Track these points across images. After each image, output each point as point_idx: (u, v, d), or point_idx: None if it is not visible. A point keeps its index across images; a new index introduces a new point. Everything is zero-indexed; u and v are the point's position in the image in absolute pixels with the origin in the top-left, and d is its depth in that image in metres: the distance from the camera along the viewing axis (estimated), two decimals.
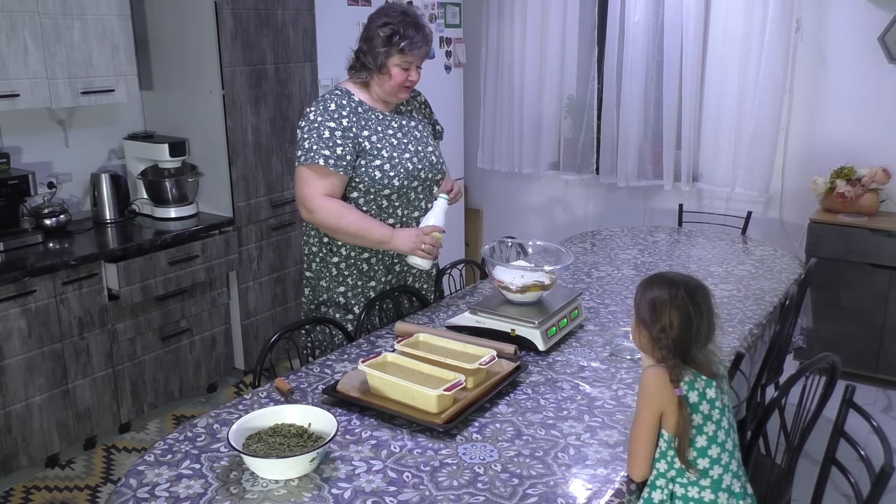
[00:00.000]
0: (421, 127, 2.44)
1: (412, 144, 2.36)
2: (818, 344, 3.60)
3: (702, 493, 1.52)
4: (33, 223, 3.21)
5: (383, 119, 2.33)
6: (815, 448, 2.41)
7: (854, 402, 1.84)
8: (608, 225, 4.35)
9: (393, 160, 2.28)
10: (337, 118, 2.23)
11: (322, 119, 2.22)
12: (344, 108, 2.25)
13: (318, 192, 2.22)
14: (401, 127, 2.36)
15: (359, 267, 2.38)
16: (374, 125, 2.29)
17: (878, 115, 3.88)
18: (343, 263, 2.37)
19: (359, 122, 2.26)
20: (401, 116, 2.39)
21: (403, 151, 2.32)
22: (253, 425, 1.60)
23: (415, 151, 2.35)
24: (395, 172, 2.27)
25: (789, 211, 4.23)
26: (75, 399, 3.09)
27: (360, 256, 2.36)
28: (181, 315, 3.46)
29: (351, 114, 2.25)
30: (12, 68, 2.94)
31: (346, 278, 2.38)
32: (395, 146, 2.31)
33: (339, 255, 2.37)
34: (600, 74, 4.54)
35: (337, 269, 2.38)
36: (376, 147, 2.27)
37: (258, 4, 3.56)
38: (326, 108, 2.24)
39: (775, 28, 3.91)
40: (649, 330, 1.56)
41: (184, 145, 3.61)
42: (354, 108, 2.27)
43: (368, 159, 2.25)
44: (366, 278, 2.39)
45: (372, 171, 2.25)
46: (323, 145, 2.20)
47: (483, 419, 1.76)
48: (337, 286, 2.40)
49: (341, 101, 2.27)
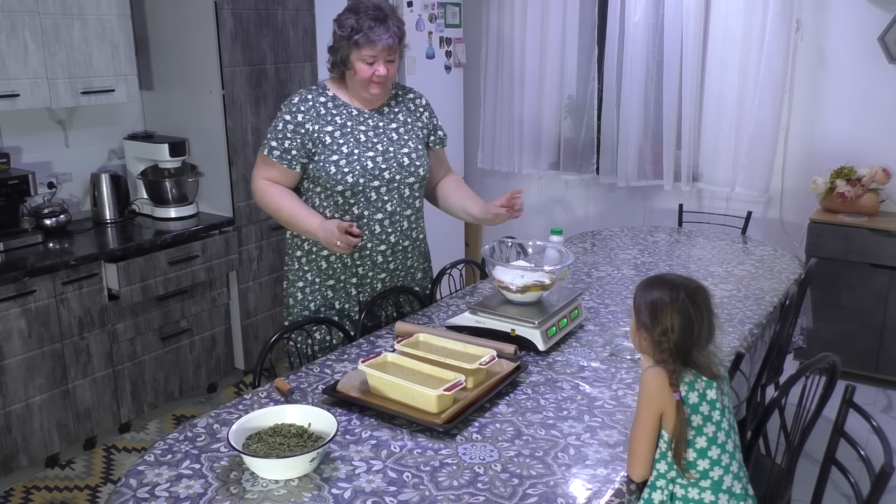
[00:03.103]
0: (402, 129, 2.37)
1: (381, 144, 2.30)
2: (818, 344, 3.60)
3: (702, 494, 1.52)
4: (33, 223, 3.21)
5: (357, 116, 2.30)
6: (815, 448, 2.41)
7: (854, 402, 1.84)
8: (608, 225, 4.35)
9: (350, 157, 2.25)
10: (294, 112, 2.26)
11: (284, 111, 2.28)
12: (305, 103, 2.27)
13: (261, 175, 2.32)
14: (376, 126, 2.32)
15: (318, 263, 2.37)
16: (341, 121, 2.28)
17: (878, 115, 3.88)
18: (304, 258, 2.39)
19: (321, 118, 2.26)
20: (381, 116, 2.34)
21: (367, 150, 2.27)
22: (253, 425, 1.60)
23: (382, 151, 2.29)
24: (349, 169, 2.24)
25: (789, 211, 4.23)
26: (75, 399, 3.09)
27: (319, 253, 2.36)
28: (181, 315, 3.46)
29: (311, 109, 2.26)
30: (12, 68, 2.94)
31: (306, 273, 2.39)
32: (360, 143, 2.27)
33: (301, 249, 2.40)
34: (600, 74, 4.54)
35: (299, 263, 2.41)
36: (337, 142, 2.25)
37: (258, 4, 3.56)
38: (290, 102, 2.29)
39: (775, 28, 3.91)
40: (650, 333, 1.55)
41: (184, 145, 3.61)
42: (323, 103, 2.28)
43: (326, 154, 2.25)
44: (324, 276, 2.38)
45: (327, 167, 2.24)
46: (272, 136, 2.27)
47: (483, 419, 1.76)
48: (297, 280, 2.41)
49: (307, 95, 2.29)
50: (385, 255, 2.36)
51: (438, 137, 2.52)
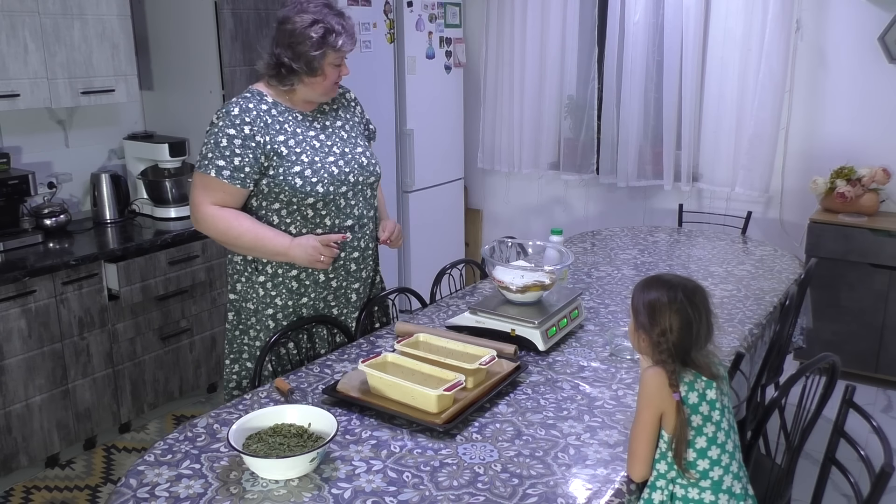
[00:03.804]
0: (348, 127, 2.24)
1: (337, 146, 2.17)
2: (818, 344, 3.60)
3: (702, 494, 1.52)
4: (33, 223, 3.22)
5: (303, 121, 2.14)
6: (815, 448, 2.41)
7: (854, 402, 1.84)
8: (608, 225, 4.35)
9: (315, 165, 2.09)
10: (238, 125, 2.03)
11: (222, 125, 2.04)
12: (249, 113, 2.05)
13: (207, 201, 2.06)
14: (324, 128, 2.17)
15: (287, 285, 2.16)
16: (291, 128, 2.10)
17: (878, 115, 3.88)
18: (270, 283, 2.16)
19: (269, 128, 2.06)
20: (324, 116, 2.20)
21: (327, 155, 2.13)
22: (253, 425, 1.60)
23: (340, 154, 2.16)
24: (318, 178, 2.08)
25: (789, 211, 4.23)
26: (75, 399, 3.09)
27: (287, 274, 2.15)
28: (181, 315, 3.46)
29: (257, 119, 2.05)
30: (12, 68, 2.94)
31: (275, 298, 2.17)
32: (316, 149, 2.12)
33: (265, 274, 2.16)
34: (600, 74, 4.54)
35: (264, 289, 2.17)
36: (294, 152, 2.07)
37: (258, 4, 3.56)
38: (228, 113, 2.05)
39: (775, 28, 3.91)
40: (648, 334, 1.55)
41: (184, 145, 3.61)
42: (266, 111, 2.08)
43: (286, 166, 2.06)
44: (296, 296, 2.18)
45: (292, 179, 2.05)
46: (218, 154, 2.02)
47: (483, 419, 1.76)
48: (265, 308, 2.18)
49: (248, 104, 2.07)
50: (357, 263, 2.25)
51: (371, 132, 2.38)
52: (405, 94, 4.33)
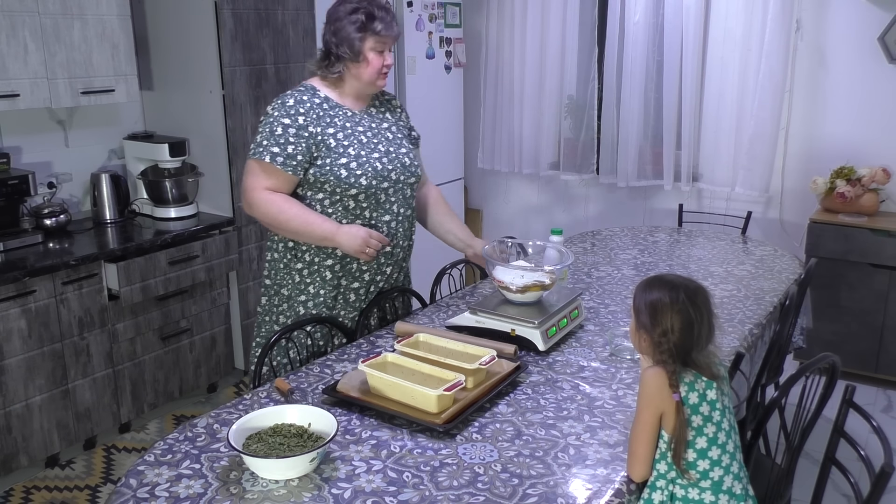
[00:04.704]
0: (394, 129, 2.34)
1: (382, 145, 2.26)
2: (818, 344, 3.61)
3: (702, 494, 1.52)
4: (33, 223, 3.22)
5: (352, 117, 2.24)
6: (815, 448, 2.41)
7: (854, 402, 1.84)
8: (608, 225, 4.35)
9: (360, 158, 2.19)
10: (293, 115, 2.16)
11: (278, 115, 2.16)
12: (303, 105, 2.18)
13: (260, 186, 2.16)
14: (370, 127, 2.28)
15: (322, 274, 2.26)
16: (340, 122, 2.21)
17: (878, 115, 3.89)
18: (306, 270, 2.26)
19: (321, 120, 2.18)
20: (371, 117, 2.30)
21: (372, 151, 2.23)
22: (253, 425, 1.60)
23: (385, 152, 2.26)
24: (362, 171, 2.18)
25: (789, 211, 4.23)
26: (75, 399, 3.09)
27: (323, 263, 2.25)
28: (181, 315, 3.46)
29: (311, 111, 2.17)
30: (12, 68, 2.94)
31: (308, 286, 2.27)
32: (363, 144, 2.22)
33: (302, 262, 2.26)
34: (600, 74, 4.54)
35: (300, 275, 2.27)
36: (342, 144, 2.19)
37: (258, 4, 3.56)
38: (284, 104, 2.18)
39: (775, 28, 3.91)
40: (650, 334, 1.55)
41: (184, 145, 3.61)
42: (319, 105, 2.20)
43: (333, 157, 2.17)
44: (329, 287, 2.27)
45: (337, 170, 2.16)
46: (273, 142, 2.14)
47: (483, 419, 1.76)
48: (298, 294, 2.28)
49: (302, 97, 2.20)
50: (387, 258, 2.32)
51: (414, 138, 2.48)
52: (405, 95, 4.33)
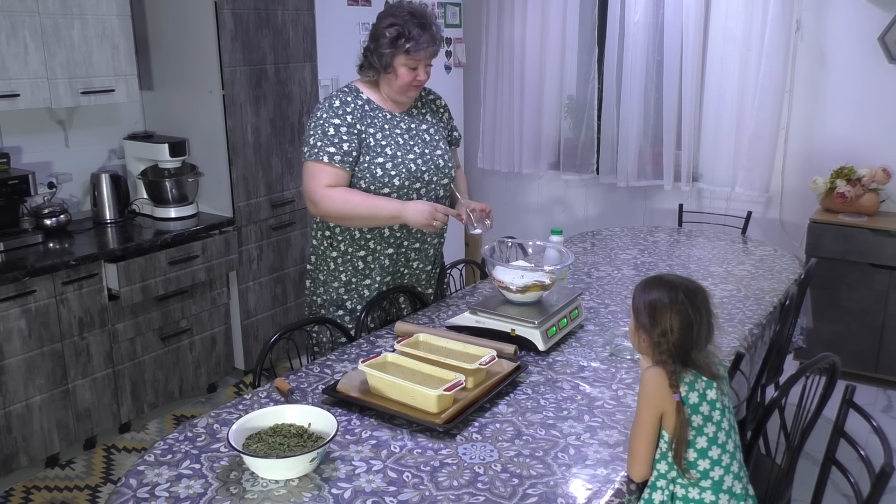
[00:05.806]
0: (432, 130, 2.43)
1: (418, 146, 2.35)
2: (818, 344, 3.60)
3: (702, 494, 1.52)
4: (33, 223, 3.21)
5: (391, 119, 2.34)
6: (815, 448, 2.41)
7: (854, 402, 1.84)
8: (608, 225, 4.35)
9: (396, 159, 2.28)
10: (341, 114, 2.25)
11: (327, 116, 2.25)
12: (348, 105, 2.27)
13: (322, 184, 2.23)
14: (409, 129, 2.36)
15: (354, 264, 2.38)
16: (380, 123, 2.31)
17: (878, 115, 3.88)
18: (340, 259, 2.39)
19: (364, 119, 2.28)
20: (411, 119, 2.39)
21: (408, 152, 2.32)
22: (253, 425, 1.60)
23: (420, 153, 2.34)
24: (396, 171, 2.28)
25: (789, 211, 4.23)
26: (75, 399, 3.09)
27: (356, 254, 2.37)
28: (181, 315, 3.46)
29: (356, 110, 2.27)
30: (12, 68, 2.94)
31: (341, 274, 2.40)
32: (400, 145, 2.31)
33: (337, 251, 2.39)
34: (600, 74, 4.54)
35: (334, 263, 2.40)
36: (380, 144, 2.28)
37: (258, 4, 3.56)
38: (331, 105, 2.27)
39: (775, 28, 3.91)
40: (649, 334, 1.55)
41: (184, 145, 3.61)
42: (360, 106, 2.29)
43: (371, 156, 2.26)
44: (360, 276, 2.40)
45: (374, 168, 2.26)
46: (328, 142, 2.22)
47: (483, 419, 1.76)
48: (332, 281, 2.41)
49: (346, 97, 2.29)
50: (417, 253, 2.45)
51: (454, 138, 2.58)
52: None
